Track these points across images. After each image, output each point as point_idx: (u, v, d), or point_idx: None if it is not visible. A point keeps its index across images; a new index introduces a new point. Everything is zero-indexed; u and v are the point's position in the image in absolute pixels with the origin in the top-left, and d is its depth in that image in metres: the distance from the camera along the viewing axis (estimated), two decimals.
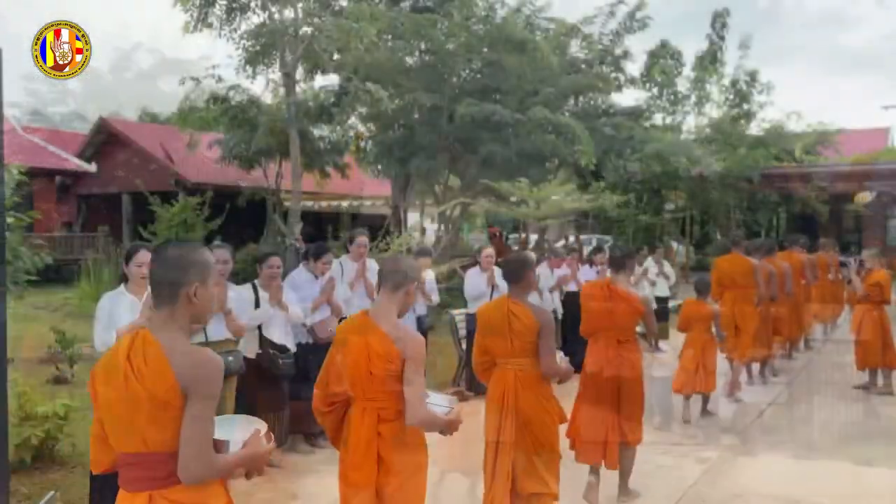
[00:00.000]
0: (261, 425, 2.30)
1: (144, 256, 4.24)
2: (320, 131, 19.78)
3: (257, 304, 5.25)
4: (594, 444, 4.60)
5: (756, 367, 8.43)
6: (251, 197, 23.11)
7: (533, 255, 5.05)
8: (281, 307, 5.31)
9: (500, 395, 3.81)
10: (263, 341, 5.32)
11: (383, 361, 2.91)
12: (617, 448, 4.60)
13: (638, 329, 4.96)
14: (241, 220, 25.44)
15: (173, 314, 2.13)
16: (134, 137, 25.77)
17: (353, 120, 18.49)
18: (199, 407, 2.03)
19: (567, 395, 4.48)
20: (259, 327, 5.30)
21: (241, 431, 2.25)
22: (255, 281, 5.41)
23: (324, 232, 28.95)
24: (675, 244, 23.18)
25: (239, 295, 5.05)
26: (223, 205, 19.26)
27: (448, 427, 3.03)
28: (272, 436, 2.32)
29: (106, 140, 26.47)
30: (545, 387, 3.87)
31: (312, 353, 5.77)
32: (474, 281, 7.65)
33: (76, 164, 24.18)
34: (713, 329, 6.78)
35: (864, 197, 20.03)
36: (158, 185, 22.04)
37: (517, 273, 3.94)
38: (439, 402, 3.07)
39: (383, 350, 2.92)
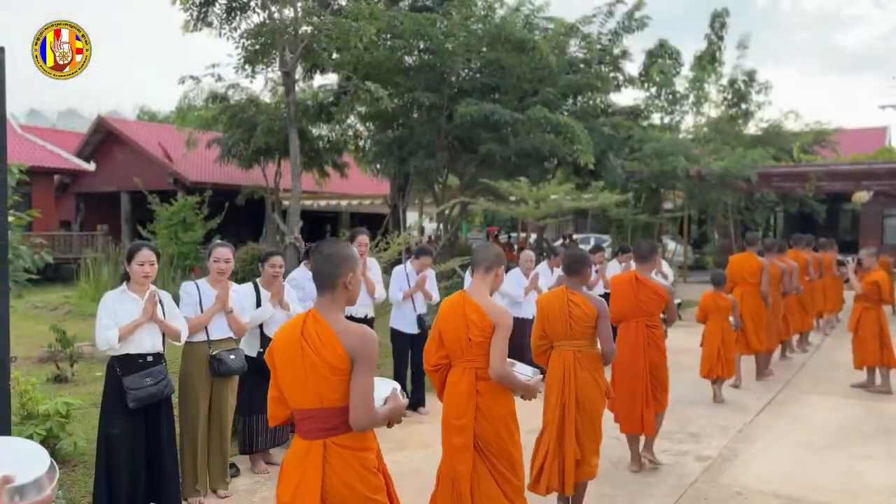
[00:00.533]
0: (395, 384, 2.81)
1: (146, 255, 4.25)
2: (319, 130, 19.79)
3: (258, 303, 5.25)
4: (633, 416, 5.29)
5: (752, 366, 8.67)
6: (250, 196, 23.13)
7: (587, 252, 5.52)
8: (282, 306, 5.31)
9: (560, 373, 4.32)
10: (265, 340, 5.33)
11: (479, 330, 3.55)
12: (653, 416, 5.30)
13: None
14: (239, 219, 25.47)
15: (334, 299, 2.71)
16: (132, 136, 25.73)
17: (352, 119, 18.49)
18: (364, 371, 2.57)
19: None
20: (260, 326, 5.30)
21: (380, 389, 2.68)
22: (257, 280, 5.42)
23: (322, 231, 29.04)
24: (672, 243, 23.23)
25: (240, 294, 5.05)
26: (222, 203, 19.24)
27: (526, 391, 3.63)
28: (405, 392, 2.89)
29: (104, 139, 26.44)
30: (599, 366, 4.39)
31: None
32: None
33: (75, 163, 24.14)
34: (731, 319, 7.48)
35: (862, 196, 20.07)
36: (157, 184, 22.04)
37: (576, 267, 4.45)
38: (523, 371, 3.67)
39: (479, 321, 3.55)
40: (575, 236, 28.01)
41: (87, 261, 15.49)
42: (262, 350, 5.29)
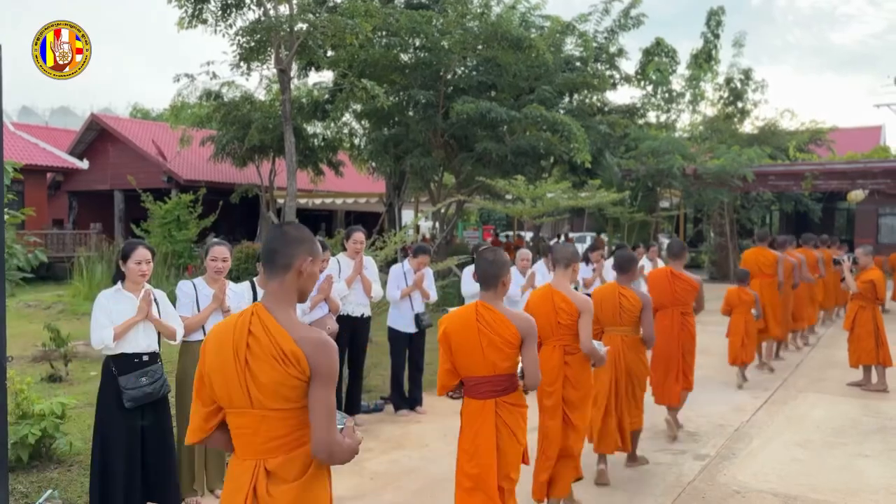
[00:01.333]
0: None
1: (142, 254, 4.22)
2: (314, 128, 19.72)
3: (255, 298, 5.21)
4: (666, 391, 6.13)
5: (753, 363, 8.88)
6: (244, 194, 23.06)
7: (634, 254, 6.15)
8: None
9: (612, 354, 5.04)
10: None
11: (567, 315, 4.39)
12: (680, 391, 6.16)
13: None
14: (233, 217, 25.41)
15: (496, 293, 3.57)
16: (126, 134, 25.61)
17: (347, 117, 18.43)
18: (531, 345, 3.50)
19: None
20: None
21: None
22: (254, 279, 5.38)
23: (317, 229, 28.98)
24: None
25: (237, 293, 5.02)
26: (216, 202, 19.20)
27: (601, 360, 4.52)
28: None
29: (98, 137, 26.32)
30: (642, 349, 5.29)
31: None
32: (472, 279, 7.62)
33: (68, 161, 24.02)
34: (753, 311, 8.40)
35: (858, 195, 20.12)
36: (151, 182, 21.96)
37: (626, 266, 5.27)
38: (599, 347, 4.52)
39: (567, 307, 4.39)
40: (571, 235, 28.06)
41: (81, 259, 15.41)
42: None
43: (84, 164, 24.28)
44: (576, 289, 8.95)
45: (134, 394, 4.04)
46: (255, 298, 5.24)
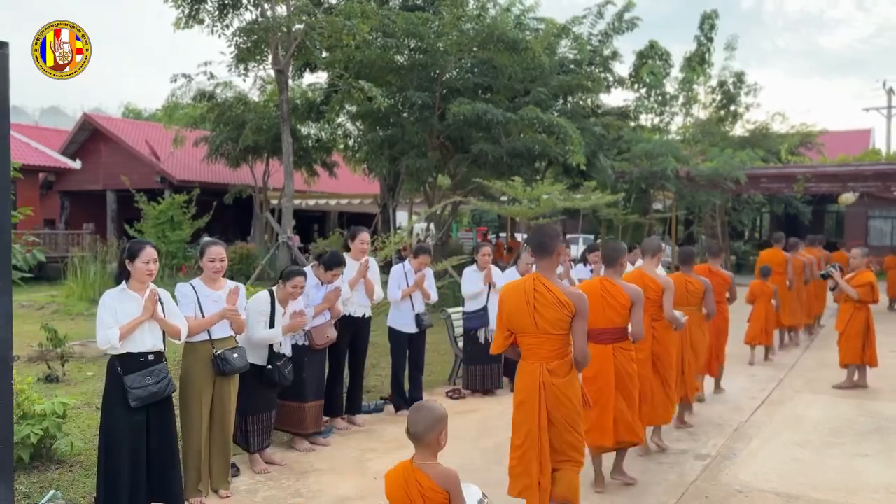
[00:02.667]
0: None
1: (151, 253, 4.22)
2: (308, 129, 19.71)
3: (273, 315, 5.23)
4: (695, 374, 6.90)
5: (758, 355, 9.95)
6: (238, 195, 23.00)
7: (692, 248, 7.02)
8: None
9: (680, 332, 6.07)
10: (273, 356, 5.29)
11: (653, 291, 5.57)
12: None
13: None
14: (227, 217, 25.34)
15: (616, 271, 4.95)
16: (119, 134, 25.49)
17: (342, 118, 18.42)
18: (639, 306, 4.78)
19: None
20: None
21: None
22: (273, 288, 5.38)
23: (310, 231, 28.92)
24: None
25: (258, 300, 5.14)
26: (209, 202, 19.14)
27: (680, 326, 5.77)
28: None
29: (90, 137, 26.17)
30: (705, 324, 6.61)
31: (307, 355, 5.76)
32: (471, 279, 7.65)
33: (61, 160, 23.88)
34: (773, 302, 9.81)
35: (849, 198, 20.27)
36: (144, 183, 21.87)
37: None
38: (680, 315, 5.75)
39: (654, 286, 5.61)
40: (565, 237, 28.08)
41: (75, 260, 15.32)
42: (270, 367, 5.23)
43: (77, 164, 24.14)
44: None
45: (140, 393, 4.03)
46: (272, 306, 5.23)
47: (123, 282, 4.24)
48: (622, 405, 4.88)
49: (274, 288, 5.39)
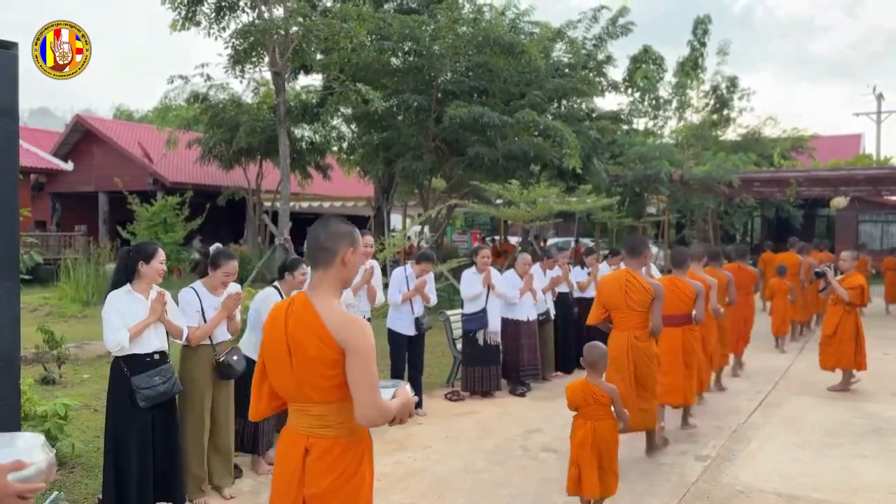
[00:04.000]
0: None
1: (163, 254, 4.25)
2: (302, 131, 19.69)
3: None
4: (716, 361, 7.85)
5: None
6: (231, 197, 22.92)
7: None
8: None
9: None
10: None
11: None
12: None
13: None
14: (220, 219, 25.23)
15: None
16: (111, 136, 25.36)
17: (336, 121, 18.42)
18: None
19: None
20: None
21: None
22: (276, 284, 5.35)
23: (304, 233, 28.86)
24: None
25: (266, 297, 5.11)
26: (203, 204, 19.08)
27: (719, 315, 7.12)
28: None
29: (82, 138, 26.03)
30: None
31: None
32: (471, 281, 7.65)
33: (53, 162, 23.72)
34: (789, 297, 11.18)
35: (841, 202, 20.42)
36: (136, 185, 21.77)
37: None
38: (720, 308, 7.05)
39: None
40: (553, 241, 28.17)
41: (68, 262, 15.23)
42: None
43: (69, 166, 23.99)
44: (570, 290, 9.09)
45: (148, 393, 4.03)
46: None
47: (128, 283, 4.23)
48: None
49: (277, 283, 5.38)
